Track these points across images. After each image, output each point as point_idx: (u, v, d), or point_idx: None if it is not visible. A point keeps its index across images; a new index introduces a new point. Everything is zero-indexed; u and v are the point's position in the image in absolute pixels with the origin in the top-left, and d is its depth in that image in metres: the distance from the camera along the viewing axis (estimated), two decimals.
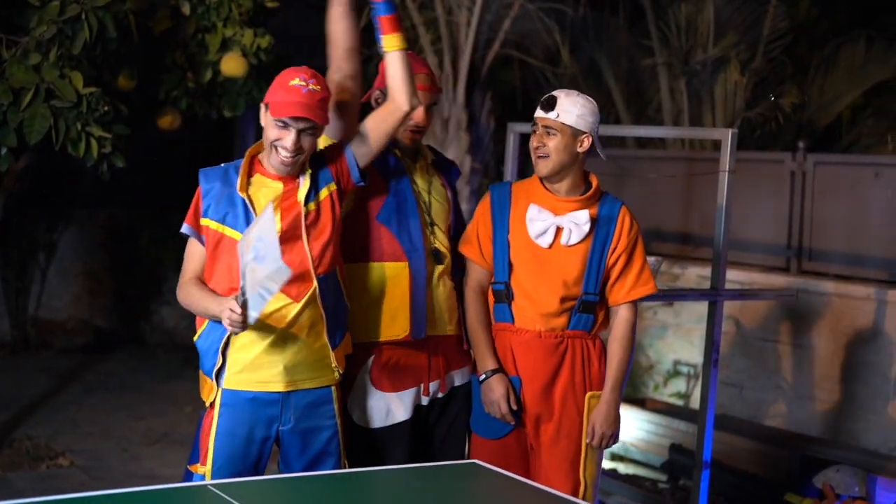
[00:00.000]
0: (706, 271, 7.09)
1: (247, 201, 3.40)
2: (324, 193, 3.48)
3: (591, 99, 3.73)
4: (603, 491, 6.04)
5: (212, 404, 3.50)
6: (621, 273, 3.72)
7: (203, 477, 3.49)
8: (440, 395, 3.76)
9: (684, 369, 7.27)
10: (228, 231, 3.40)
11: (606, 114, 8.54)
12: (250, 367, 3.44)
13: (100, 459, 6.35)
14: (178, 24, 5.96)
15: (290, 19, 7.48)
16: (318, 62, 3.94)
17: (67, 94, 5.04)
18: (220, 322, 3.34)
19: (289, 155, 3.38)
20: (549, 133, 3.65)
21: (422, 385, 3.72)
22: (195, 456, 3.56)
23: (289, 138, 3.36)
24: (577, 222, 3.68)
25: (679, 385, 7.28)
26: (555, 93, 3.72)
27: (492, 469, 3.50)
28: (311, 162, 3.49)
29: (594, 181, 3.77)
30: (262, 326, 3.38)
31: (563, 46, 7.74)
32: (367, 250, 3.63)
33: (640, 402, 6.93)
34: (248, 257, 3.20)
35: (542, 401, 3.73)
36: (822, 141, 8.15)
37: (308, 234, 3.44)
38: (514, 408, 3.72)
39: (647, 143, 8.32)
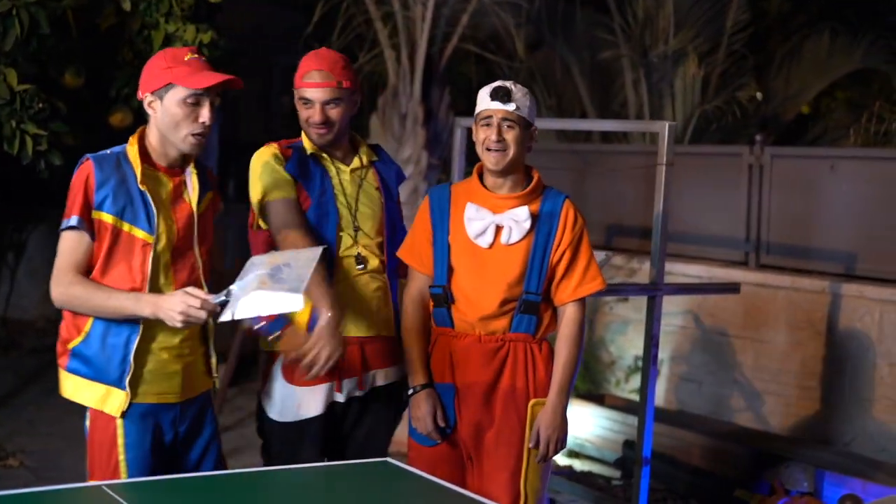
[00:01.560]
0: (668, 266, 7.03)
1: (148, 195, 3.25)
2: (208, 199, 3.42)
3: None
4: (552, 489, 5.99)
5: (101, 415, 3.31)
6: (566, 270, 3.57)
7: None
8: (358, 393, 3.71)
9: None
10: (127, 227, 3.23)
11: (572, 108, 8.49)
12: (151, 379, 3.32)
13: (52, 460, 6.30)
14: (124, 21, 5.92)
15: (238, 14, 7.47)
16: (268, 57, 3.91)
17: (0, 91, 4.99)
18: (127, 322, 3.22)
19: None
20: (507, 125, 3.50)
21: (335, 382, 3.67)
22: (99, 471, 3.39)
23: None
24: (517, 219, 3.53)
25: (640, 381, 7.21)
26: (505, 84, 3.56)
27: (405, 468, 3.44)
28: (196, 164, 3.40)
29: (535, 175, 3.62)
30: (167, 332, 3.30)
31: (519, 40, 7.67)
32: None
33: (599, 399, 6.88)
34: (263, 269, 3.11)
35: (482, 408, 3.59)
36: (788, 134, 8.09)
37: (199, 239, 3.38)
38: (442, 424, 3.61)
39: (611, 137, 8.26)
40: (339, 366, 3.64)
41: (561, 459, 6.75)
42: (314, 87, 3.58)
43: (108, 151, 3.30)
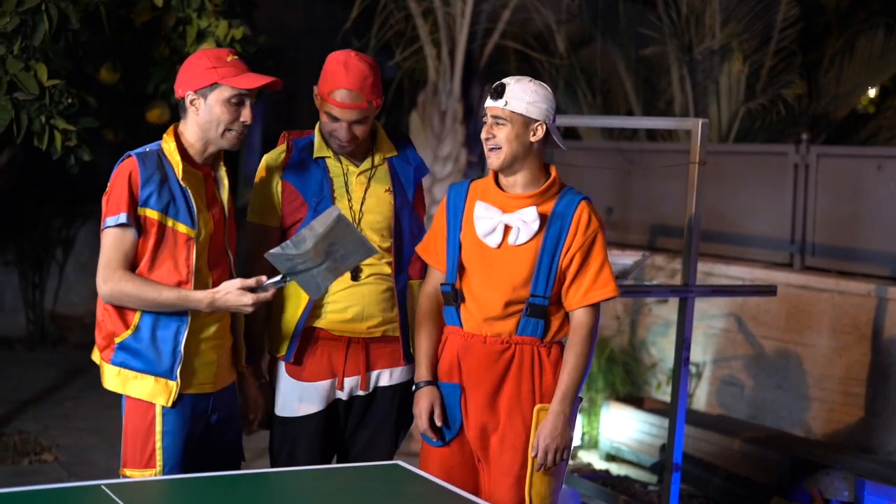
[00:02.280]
0: (708, 267, 6.90)
1: (188, 191, 3.34)
2: (229, 196, 3.51)
3: (544, 85, 3.49)
4: (584, 495, 5.89)
5: (141, 404, 3.38)
6: (577, 274, 3.44)
7: None
8: (361, 393, 3.65)
9: (672, 366, 7.04)
10: (171, 223, 3.32)
11: (616, 106, 8.36)
12: (192, 369, 3.39)
13: (84, 456, 6.32)
14: (159, 16, 5.91)
15: (283, 13, 7.46)
16: (307, 55, 3.88)
17: (30, 86, 4.99)
18: (175, 315, 3.31)
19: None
20: (498, 123, 3.41)
21: (336, 378, 3.63)
22: (132, 460, 3.42)
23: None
24: (525, 220, 3.42)
25: None
26: (505, 80, 3.46)
27: (414, 471, 3.39)
28: (226, 162, 3.49)
29: (553, 174, 3.51)
30: (207, 323, 3.39)
31: (561, 36, 7.56)
32: None
33: (638, 402, 6.74)
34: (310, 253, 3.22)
35: (487, 410, 3.49)
36: (839, 133, 7.89)
37: (229, 237, 3.49)
38: (439, 424, 3.52)
39: (656, 135, 8.12)
40: (341, 363, 3.61)
41: (597, 463, 6.65)
42: (344, 108, 3.49)
43: (147, 148, 3.39)
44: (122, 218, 3.28)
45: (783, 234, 6.81)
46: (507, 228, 3.45)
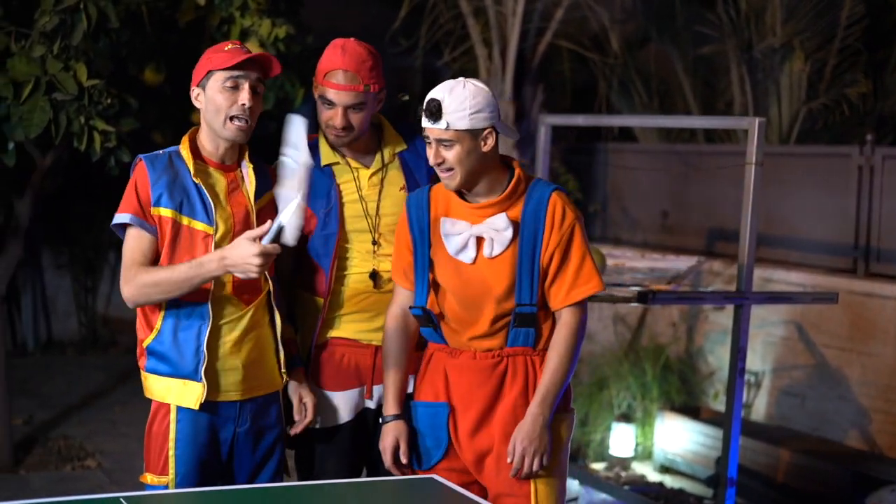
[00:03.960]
0: (768, 273, 6.67)
1: (203, 188, 3.26)
2: (269, 196, 3.39)
3: (479, 85, 3.18)
4: None
5: (162, 407, 3.30)
6: (558, 272, 3.21)
7: (166, 488, 3.33)
8: None
9: (745, 377, 6.82)
10: (186, 220, 3.25)
11: (674, 107, 8.15)
12: (212, 374, 3.28)
13: (127, 462, 6.24)
14: (203, 16, 5.82)
15: (338, 14, 7.36)
16: None
17: (69, 86, 4.92)
18: (196, 315, 3.21)
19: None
20: (444, 146, 3.13)
21: (364, 386, 3.50)
22: (151, 465, 3.37)
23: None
24: (497, 228, 3.19)
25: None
26: (437, 94, 3.14)
27: (452, 487, 3.24)
28: (254, 160, 3.39)
29: (517, 172, 3.23)
30: (229, 325, 3.29)
31: (615, 36, 7.37)
32: (302, 282, 3.51)
33: (693, 412, 6.52)
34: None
35: (481, 429, 3.29)
36: None
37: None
38: (404, 461, 3.34)
39: (714, 137, 7.90)
40: (369, 371, 3.49)
41: (651, 475, 6.44)
42: (338, 89, 3.33)
43: (161, 151, 3.33)
44: (125, 218, 3.23)
45: (846, 239, 6.56)
46: (479, 241, 3.22)
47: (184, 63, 6.07)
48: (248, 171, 3.35)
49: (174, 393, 3.28)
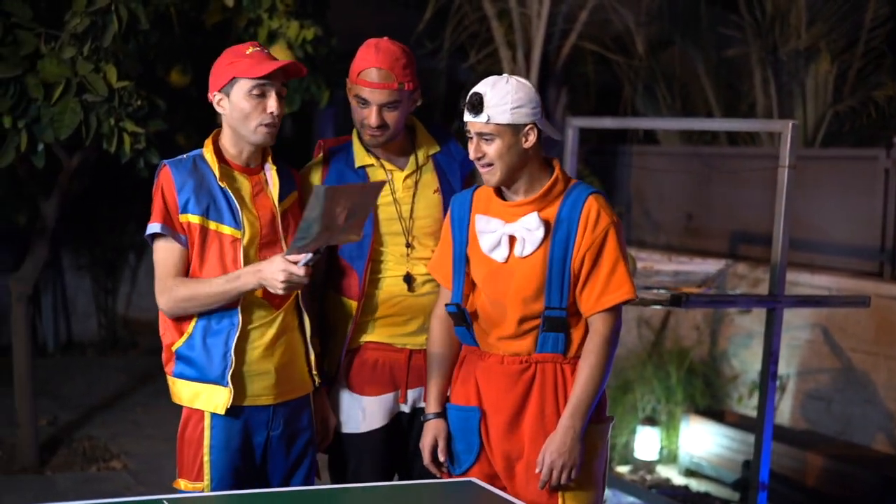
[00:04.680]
0: (793, 276, 6.65)
1: (229, 192, 3.24)
2: (292, 197, 3.39)
3: (523, 81, 3.17)
4: None
5: (195, 413, 3.30)
6: (588, 277, 3.16)
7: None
8: (423, 404, 3.49)
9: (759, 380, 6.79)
10: (213, 225, 3.23)
11: (696, 109, 8.13)
12: (243, 379, 3.27)
13: (153, 463, 6.24)
14: (230, 18, 5.82)
15: (355, 16, 7.35)
16: None
17: (99, 88, 4.92)
18: (226, 319, 3.20)
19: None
20: (485, 140, 3.12)
21: (398, 390, 3.49)
22: (185, 470, 3.37)
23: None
24: (529, 228, 3.16)
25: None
26: (480, 88, 3.14)
27: (488, 489, 3.23)
28: (276, 162, 3.37)
29: (556, 171, 3.20)
30: (260, 330, 3.28)
31: (640, 38, 7.35)
32: (334, 284, 3.49)
33: (718, 415, 6.51)
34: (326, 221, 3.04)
35: (510, 436, 3.26)
36: None
37: (285, 235, 3.34)
38: (442, 459, 3.33)
39: (737, 139, 7.87)
40: (404, 375, 3.48)
41: (676, 479, 6.43)
42: (372, 87, 3.32)
43: (184, 155, 3.30)
44: (156, 227, 3.21)
45: (873, 242, 6.53)
46: (512, 240, 3.20)
47: (209, 65, 6.09)
48: (271, 173, 3.34)
49: (202, 398, 3.27)
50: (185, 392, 3.29)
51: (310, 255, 3.08)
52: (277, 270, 3.09)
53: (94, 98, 4.93)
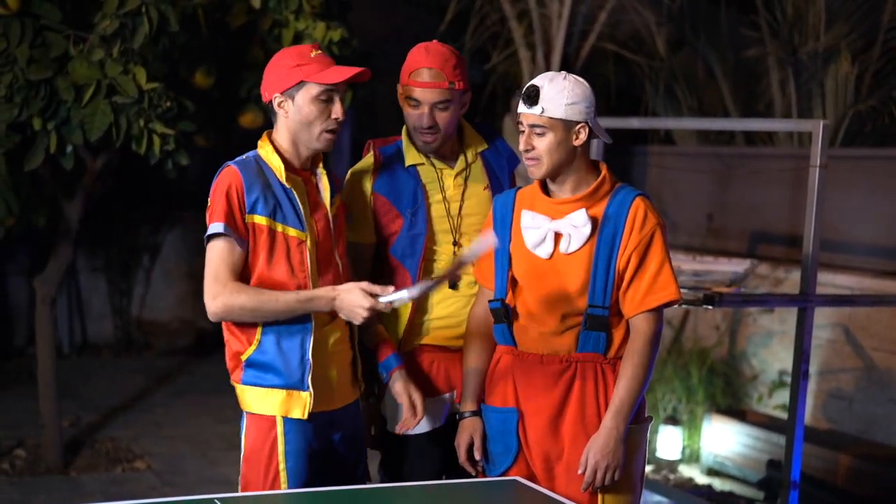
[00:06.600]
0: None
1: (293, 193, 3.21)
2: (337, 201, 3.37)
3: (580, 80, 3.19)
4: None
5: (263, 421, 3.24)
6: (633, 277, 3.16)
7: None
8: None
9: (790, 379, 6.80)
10: (280, 227, 3.18)
11: (714, 109, 8.14)
12: (313, 384, 3.24)
13: (177, 463, 6.26)
14: (255, 19, 5.83)
15: (369, 17, 7.34)
16: (388, 61, 3.78)
17: (129, 89, 4.93)
18: (298, 324, 3.17)
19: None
20: (536, 133, 3.14)
21: (454, 391, 3.50)
22: (254, 481, 3.28)
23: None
24: (576, 224, 3.16)
25: (784, 396, 6.82)
26: (537, 81, 3.16)
27: (535, 488, 3.25)
28: (324, 165, 3.36)
29: (603, 172, 3.23)
30: (325, 335, 3.27)
31: (660, 38, 7.36)
32: (386, 285, 3.43)
33: (740, 415, 6.52)
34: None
35: (550, 437, 3.25)
36: None
37: (336, 240, 3.34)
38: (478, 458, 3.33)
39: (755, 139, 7.88)
40: (458, 375, 3.48)
41: (699, 478, 6.44)
42: (424, 86, 3.35)
43: (246, 156, 3.25)
44: (219, 227, 3.13)
45: (894, 242, 6.54)
46: (557, 236, 3.20)
47: (231, 66, 6.10)
48: (322, 177, 3.32)
49: (280, 404, 3.22)
50: (259, 399, 3.23)
51: (404, 296, 3.11)
52: (359, 304, 3.09)
53: (124, 100, 4.94)
